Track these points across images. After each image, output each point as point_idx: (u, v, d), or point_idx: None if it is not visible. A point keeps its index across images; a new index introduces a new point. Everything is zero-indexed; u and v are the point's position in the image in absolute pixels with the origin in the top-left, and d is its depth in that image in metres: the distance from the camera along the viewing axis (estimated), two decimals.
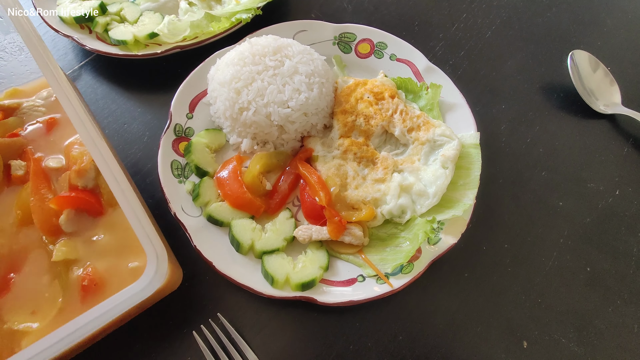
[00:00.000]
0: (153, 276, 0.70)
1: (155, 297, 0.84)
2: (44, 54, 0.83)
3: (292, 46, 1.13)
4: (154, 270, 0.71)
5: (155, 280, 0.71)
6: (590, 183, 1.18)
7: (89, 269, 0.82)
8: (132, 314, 0.84)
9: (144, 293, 0.70)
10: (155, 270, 0.71)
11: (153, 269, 0.71)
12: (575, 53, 1.31)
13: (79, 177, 0.88)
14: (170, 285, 0.87)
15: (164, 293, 0.88)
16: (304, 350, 0.95)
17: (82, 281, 0.81)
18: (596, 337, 0.99)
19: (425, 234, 0.92)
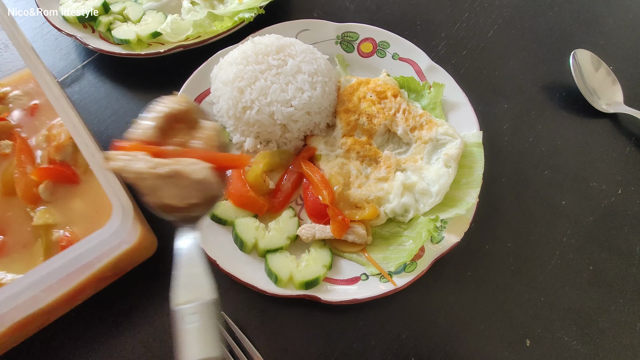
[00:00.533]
0: (119, 225, 0.75)
1: (128, 259, 0.93)
2: (26, 48, 0.94)
3: (295, 45, 1.13)
4: (119, 218, 0.75)
5: (121, 230, 0.75)
6: (592, 182, 1.18)
7: (67, 232, 0.91)
8: (108, 274, 0.92)
9: (110, 240, 0.75)
10: (121, 219, 0.75)
11: (119, 218, 0.76)
12: (577, 52, 1.31)
13: (57, 152, 0.98)
14: (143, 248, 0.96)
15: (137, 255, 0.96)
16: (307, 348, 0.95)
17: (61, 242, 0.90)
18: (599, 335, 0.99)
19: (428, 232, 0.92)
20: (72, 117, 0.87)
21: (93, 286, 0.93)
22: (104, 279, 0.94)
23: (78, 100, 1.27)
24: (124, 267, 0.97)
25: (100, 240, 0.74)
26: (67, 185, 0.97)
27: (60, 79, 1.31)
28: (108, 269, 0.89)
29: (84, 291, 0.91)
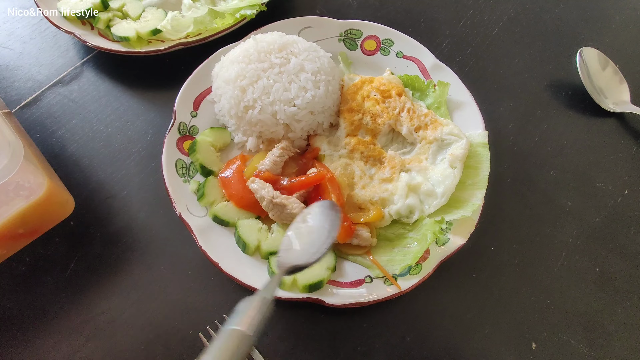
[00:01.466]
0: (7, 162, 0.73)
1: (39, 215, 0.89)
2: None
3: (297, 43, 1.11)
4: (5, 153, 0.73)
5: (10, 166, 0.72)
6: (599, 182, 1.17)
7: None
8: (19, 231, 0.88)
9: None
10: (8, 154, 0.73)
11: (4, 152, 0.73)
12: (584, 50, 1.29)
13: None
14: (55, 204, 0.92)
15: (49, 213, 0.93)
16: (311, 351, 0.94)
17: None
18: (605, 338, 0.98)
19: (434, 235, 0.90)
20: None
21: (4, 245, 0.89)
22: (16, 237, 0.90)
23: (77, 98, 1.25)
24: (37, 224, 0.93)
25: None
26: None
27: (59, 77, 1.29)
28: (16, 224, 0.85)
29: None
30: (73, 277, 1.00)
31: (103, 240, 1.04)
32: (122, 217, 1.07)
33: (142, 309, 0.97)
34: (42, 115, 1.22)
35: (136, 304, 0.97)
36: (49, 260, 1.01)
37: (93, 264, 1.01)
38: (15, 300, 0.97)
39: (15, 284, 0.98)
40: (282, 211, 0.97)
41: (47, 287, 0.98)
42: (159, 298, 0.98)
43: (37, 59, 1.32)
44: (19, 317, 0.95)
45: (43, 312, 0.96)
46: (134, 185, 1.11)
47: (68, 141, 1.18)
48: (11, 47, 1.35)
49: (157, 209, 1.08)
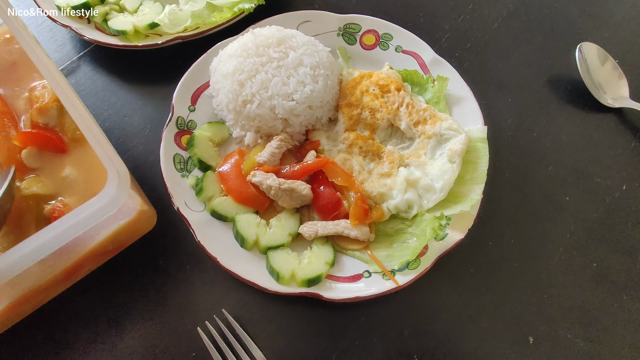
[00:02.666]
0: (116, 192, 0.71)
1: (128, 232, 0.88)
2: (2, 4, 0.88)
3: (296, 37, 1.10)
4: (115, 185, 0.71)
5: (118, 198, 0.71)
6: (597, 178, 1.17)
7: (60, 204, 0.85)
8: (108, 249, 0.87)
9: (107, 209, 0.70)
10: (117, 186, 0.71)
11: (115, 185, 0.71)
12: (583, 45, 1.29)
13: (40, 114, 0.91)
14: (143, 221, 0.92)
15: (137, 229, 0.92)
16: (309, 346, 0.94)
17: (53, 213, 0.84)
18: (602, 333, 0.98)
19: (433, 230, 0.90)
20: (56, 75, 0.80)
21: (93, 261, 0.89)
22: (104, 254, 0.90)
23: None
24: (124, 240, 0.93)
25: (96, 208, 0.69)
26: (54, 153, 0.90)
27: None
28: (107, 243, 0.85)
29: (83, 266, 0.87)
30: None
31: None
32: None
33: (138, 304, 0.97)
34: None
35: (133, 299, 0.97)
36: None
37: None
38: None
39: None
40: (292, 195, 0.98)
41: None
42: (157, 293, 0.98)
43: None
44: None
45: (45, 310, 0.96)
46: (137, 179, 1.11)
47: None
48: None
49: (155, 203, 1.07)
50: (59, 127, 0.92)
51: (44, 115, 0.92)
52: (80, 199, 0.86)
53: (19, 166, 0.87)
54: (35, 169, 0.88)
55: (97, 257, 0.90)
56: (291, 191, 0.98)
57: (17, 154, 0.88)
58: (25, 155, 0.88)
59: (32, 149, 0.88)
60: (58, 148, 0.91)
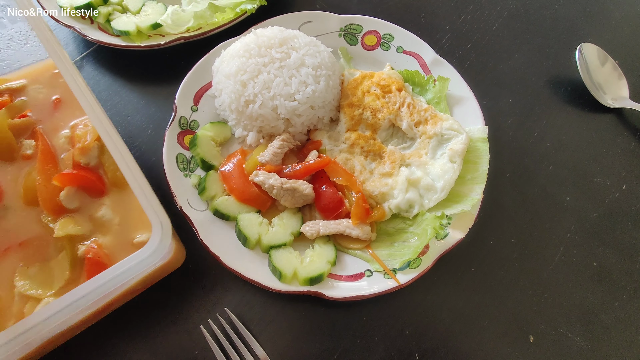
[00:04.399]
0: (158, 244, 0.72)
1: (161, 272, 0.87)
2: (50, 37, 0.86)
3: (298, 38, 1.11)
4: (159, 237, 0.72)
5: (160, 249, 0.72)
6: (597, 178, 1.18)
7: (94, 244, 0.84)
8: (139, 288, 0.87)
9: (149, 260, 0.72)
10: (160, 239, 0.72)
11: (158, 237, 0.72)
12: (583, 46, 1.30)
13: (82, 154, 0.89)
14: (175, 260, 0.91)
15: (168, 269, 0.91)
16: (311, 344, 0.95)
17: (87, 254, 0.83)
18: (602, 331, 0.99)
19: (434, 230, 0.91)
20: (99, 114, 0.79)
21: (122, 300, 0.89)
22: (134, 292, 0.90)
23: None
24: (155, 279, 0.93)
25: (140, 260, 0.71)
26: (92, 194, 0.88)
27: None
28: (139, 284, 0.85)
29: (114, 304, 0.87)
30: None
31: None
32: None
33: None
34: None
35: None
36: None
37: None
38: None
39: None
40: (294, 195, 0.99)
41: None
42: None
43: None
44: None
45: None
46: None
47: None
48: None
49: None
50: (100, 167, 0.91)
51: (86, 155, 0.90)
52: (115, 240, 0.86)
53: (57, 208, 0.86)
54: (72, 210, 0.87)
55: (128, 295, 0.89)
56: (293, 191, 0.98)
57: (56, 196, 0.86)
58: (64, 196, 0.86)
59: (70, 189, 0.87)
60: (98, 190, 0.89)
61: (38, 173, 0.88)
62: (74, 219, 0.86)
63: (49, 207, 0.86)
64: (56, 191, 0.86)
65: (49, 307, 0.68)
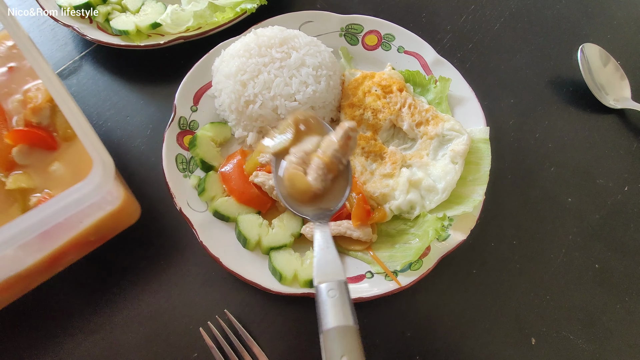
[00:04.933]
0: (100, 180, 0.73)
1: (111, 223, 0.91)
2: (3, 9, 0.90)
3: (298, 37, 1.10)
4: (100, 173, 0.73)
5: (103, 186, 0.73)
6: (599, 179, 1.17)
7: (46, 195, 0.87)
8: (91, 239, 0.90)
9: (91, 196, 0.72)
10: (102, 175, 0.73)
11: (99, 172, 0.73)
12: (585, 46, 1.29)
13: (34, 114, 0.93)
14: (126, 213, 0.94)
15: (120, 220, 0.94)
16: (311, 346, 0.94)
17: (39, 204, 0.86)
18: (604, 334, 0.98)
19: (435, 231, 0.90)
20: (50, 75, 0.82)
21: (75, 251, 0.91)
22: (87, 244, 0.92)
23: (76, 92, 1.24)
24: (107, 232, 0.95)
25: (80, 194, 0.71)
26: (44, 150, 0.92)
27: (58, 71, 1.28)
28: (91, 232, 0.86)
29: (65, 256, 0.89)
30: (73, 273, 0.99)
31: None
32: None
33: (141, 304, 0.97)
34: None
35: (136, 299, 0.97)
36: None
37: (90, 259, 1.01)
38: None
39: None
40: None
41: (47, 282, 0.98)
42: (159, 293, 0.98)
43: None
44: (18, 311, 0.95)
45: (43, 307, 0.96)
46: (134, 181, 1.11)
47: None
48: None
49: (157, 204, 1.07)
50: (52, 126, 0.94)
51: (37, 115, 0.93)
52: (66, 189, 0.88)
53: (9, 164, 0.90)
54: (24, 165, 0.91)
55: (80, 247, 0.91)
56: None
57: (8, 153, 0.90)
58: (17, 152, 0.90)
59: (22, 147, 0.90)
60: (48, 145, 0.92)
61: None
62: (26, 173, 0.90)
63: (1, 163, 0.90)
64: (8, 148, 0.90)
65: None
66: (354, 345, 0.62)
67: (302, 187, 0.82)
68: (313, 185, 0.81)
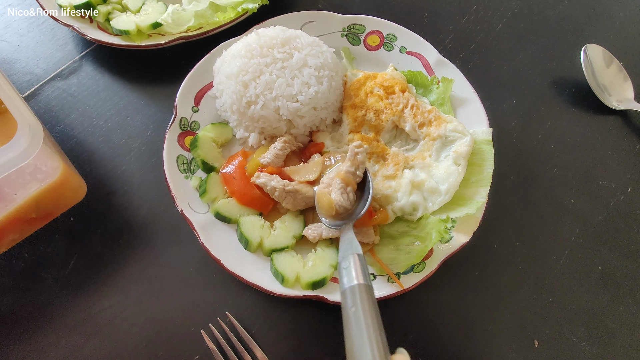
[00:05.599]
0: (26, 143, 0.71)
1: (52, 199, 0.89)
2: None
3: (300, 38, 1.09)
4: (26, 137, 0.71)
5: (29, 151, 0.71)
6: (602, 180, 1.17)
7: None
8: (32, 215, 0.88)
9: (16, 160, 0.70)
10: (28, 138, 0.71)
11: (25, 136, 0.71)
12: (588, 47, 1.28)
13: None
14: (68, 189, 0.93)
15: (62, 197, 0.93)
16: (313, 349, 0.94)
17: None
18: (607, 336, 0.98)
19: (439, 234, 0.90)
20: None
21: (16, 229, 0.89)
22: (28, 221, 0.90)
23: (76, 92, 1.23)
24: (50, 208, 0.93)
25: (6, 158, 0.69)
26: None
27: (58, 71, 1.27)
28: (30, 208, 0.84)
29: (7, 234, 0.87)
30: (73, 275, 0.99)
31: (103, 237, 1.03)
32: (122, 214, 1.06)
33: (143, 306, 0.96)
34: (41, 110, 1.20)
35: (137, 301, 0.97)
36: (49, 257, 1.00)
37: (93, 261, 1.00)
38: (15, 298, 0.96)
39: (14, 280, 0.97)
40: (296, 197, 0.97)
41: (47, 284, 0.97)
42: (161, 295, 0.97)
43: (35, 52, 1.30)
44: (19, 314, 0.94)
45: (44, 310, 0.95)
46: (135, 182, 1.10)
47: (67, 136, 1.16)
48: (8, 40, 1.33)
49: (158, 205, 1.07)
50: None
51: None
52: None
53: None
54: None
55: (22, 225, 0.89)
56: (295, 193, 0.97)
57: None
58: None
59: None
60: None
61: None
62: None
63: None
64: None
65: None
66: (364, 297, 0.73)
67: (327, 203, 0.93)
68: (334, 199, 0.92)
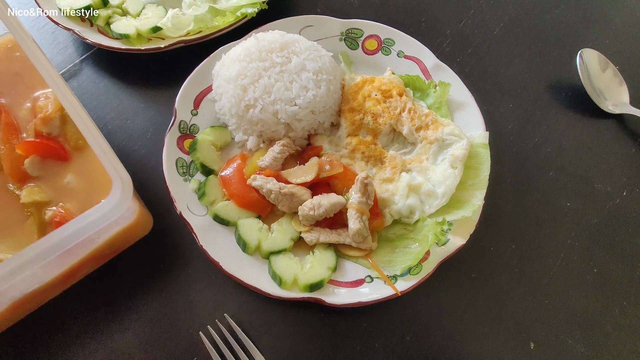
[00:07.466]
0: (119, 199, 0.74)
1: (126, 236, 0.92)
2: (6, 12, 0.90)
3: (299, 42, 1.11)
4: (119, 192, 0.74)
5: (121, 204, 0.74)
6: (597, 184, 1.18)
7: (61, 209, 0.88)
8: (106, 252, 0.91)
9: (110, 214, 0.73)
10: (121, 193, 0.74)
11: (118, 191, 0.74)
12: (584, 52, 1.30)
13: (44, 124, 0.93)
14: (140, 226, 0.95)
15: (134, 233, 0.95)
16: (311, 351, 0.94)
17: (55, 218, 0.86)
18: (603, 338, 0.99)
19: (435, 236, 0.91)
20: (60, 84, 0.82)
21: (90, 264, 0.91)
22: (102, 257, 0.93)
23: (77, 95, 1.24)
24: (121, 244, 0.95)
25: (100, 214, 0.72)
26: (56, 161, 0.92)
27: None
28: (106, 247, 0.87)
29: (81, 269, 0.90)
30: None
31: None
32: None
33: (141, 308, 0.97)
34: None
35: (135, 303, 0.97)
36: None
37: None
38: None
39: None
40: (292, 200, 0.98)
41: None
42: (159, 297, 0.98)
43: None
44: None
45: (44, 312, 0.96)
46: (134, 184, 1.10)
47: None
48: None
49: (157, 207, 1.07)
50: (62, 136, 0.94)
51: (48, 125, 0.93)
52: (81, 205, 0.88)
53: (21, 175, 0.89)
54: (37, 177, 0.91)
55: (95, 261, 0.92)
56: (291, 196, 0.98)
57: (21, 164, 0.90)
58: (29, 164, 0.90)
59: (34, 158, 0.90)
60: (60, 156, 0.92)
61: (2, 143, 0.91)
62: (39, 186, 0.90)
63: (14, 175, 0.89)
64: (20, 160, 0.90)
65: (11, 260, 0.68)
66: None
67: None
68: (352, 227, 0.94)
